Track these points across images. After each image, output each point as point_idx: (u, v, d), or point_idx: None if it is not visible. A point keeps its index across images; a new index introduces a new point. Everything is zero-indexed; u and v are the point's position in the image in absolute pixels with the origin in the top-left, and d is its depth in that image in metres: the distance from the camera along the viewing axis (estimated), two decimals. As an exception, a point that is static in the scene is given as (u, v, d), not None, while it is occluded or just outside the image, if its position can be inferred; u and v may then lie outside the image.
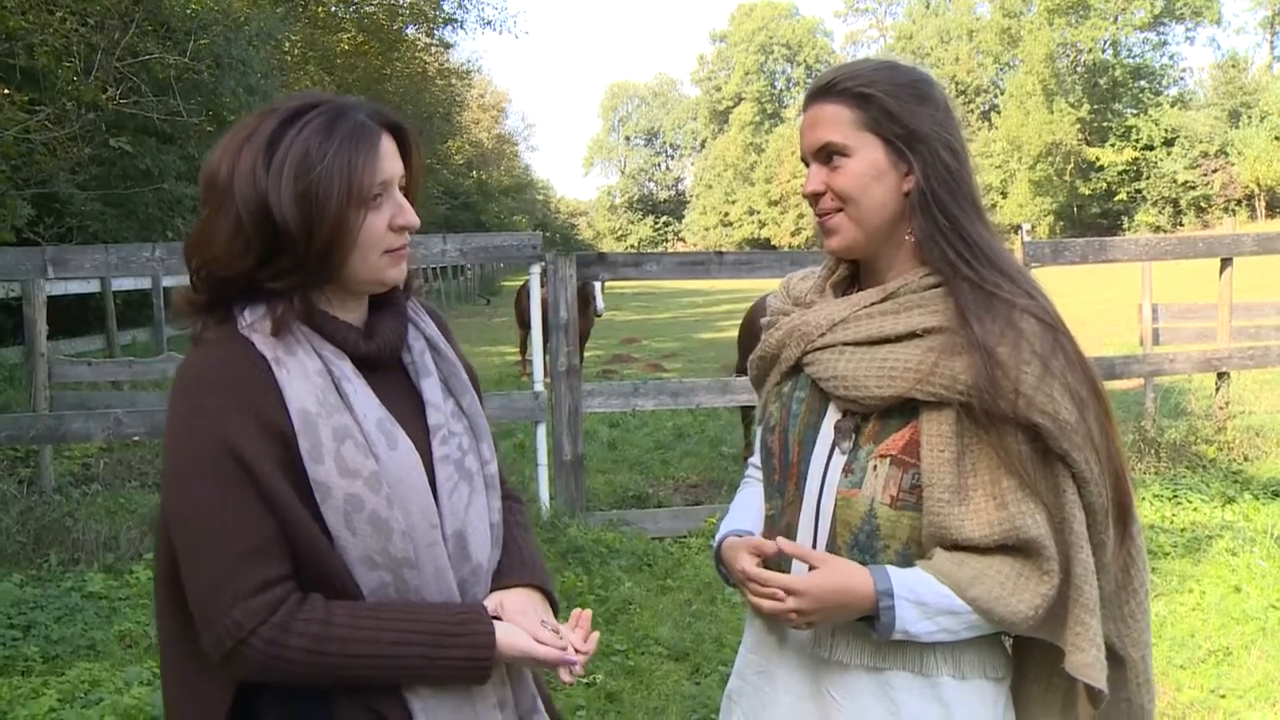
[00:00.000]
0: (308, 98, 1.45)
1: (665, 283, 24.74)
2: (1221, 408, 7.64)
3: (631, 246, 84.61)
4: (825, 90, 1.61)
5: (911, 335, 1.54)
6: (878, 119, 1.56)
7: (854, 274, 1.70)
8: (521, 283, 13.68)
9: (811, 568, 1.51)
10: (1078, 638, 1.50)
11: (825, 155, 1.59)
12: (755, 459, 1.85)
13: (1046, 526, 1.47)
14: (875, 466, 1.53)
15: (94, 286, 13.12)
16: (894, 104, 1.55)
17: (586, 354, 12.63)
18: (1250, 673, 4.12)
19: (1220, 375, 7.57)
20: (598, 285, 12.51)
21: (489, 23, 27.14)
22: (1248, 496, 6.36)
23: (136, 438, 6.11)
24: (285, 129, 1.40)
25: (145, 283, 14.12)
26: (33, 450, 7.36)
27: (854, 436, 1.56)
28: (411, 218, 1.47)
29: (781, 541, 1.56)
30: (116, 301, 13.69)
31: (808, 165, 1.63)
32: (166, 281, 14.27)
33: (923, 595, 1.48)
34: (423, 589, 1.43)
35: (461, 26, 26.29)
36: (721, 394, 6.44)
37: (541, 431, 6.14)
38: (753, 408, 7.72)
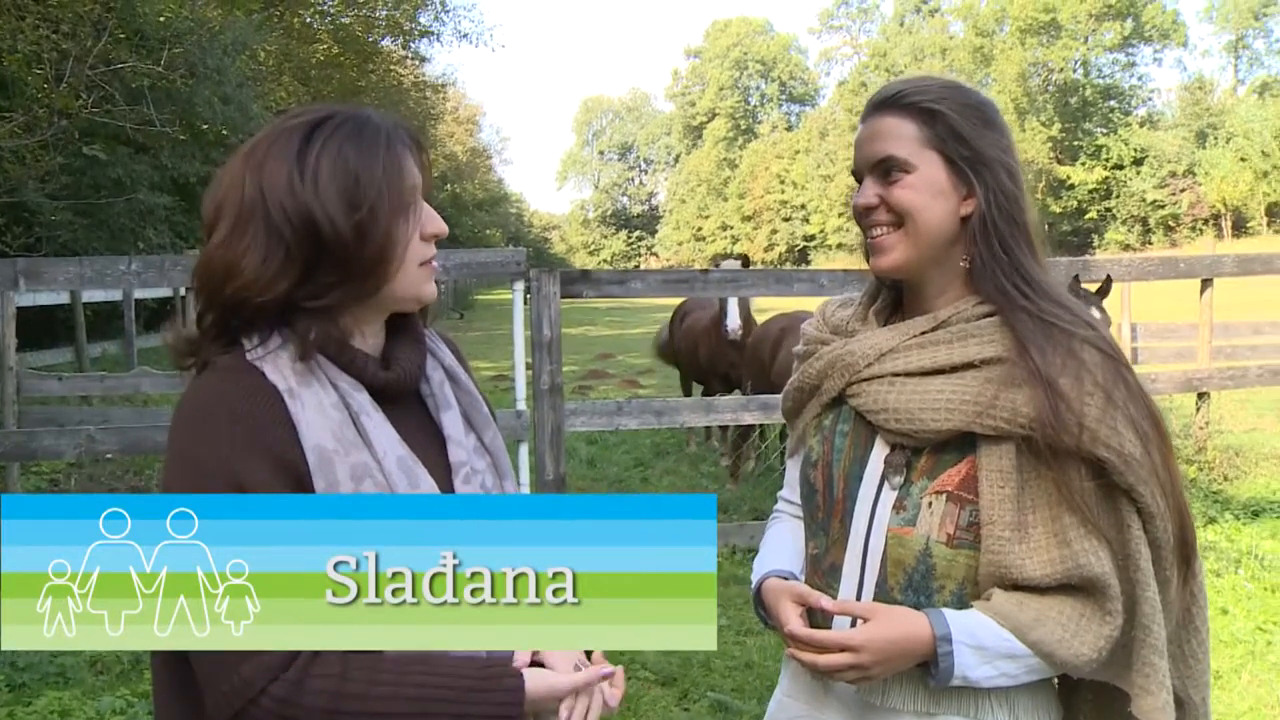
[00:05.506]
0: (319, 108, 1.36)
1: (639, 299, 24.71)
2: (1201, 428, 7.66)
3: (605, 261, 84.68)
4: (890, 102, 1.53)
5: (968, 366, 1.46)
6: (943, 137, 1.49)
7: (897, 301, 1.62)
8: (675, 306, 10.18)
9: (857, 620, 1.43)
10: (1146, 680, 1.42)
11: (884, 170, 1.51)
12: (785, 493, 1.77)
13: (1110, 564, 1.40)
14: (930, 503, 1.45)
15: (63, 298, 12.92)
16: (962, 124, 1.49)
17: (565, 369, 11.64)
18: (1241, 697, 4.09)
19: (1200, 395, 7.59)
20: (732, 304, 9.12)
21: (465, 35, 26.97)
22: (1229, 516, 6.39)
23: (109, 455, 5.97)
24: (311, 138, 1.30)
25: (116, 294, 13.90)
26: (-1, 466, 7.21)
27: (905, 472, 1.48)
28: (441, 225, 1.39)
29: (824, 601, 1.48)
30: (86, 313, 13.49)
31: (859, 179, 1.55)
32: (138, 294, 14.11)
33: (982, 639, 1.40)
34: None
35: (438, 39, 26.23)
36: (705, 413, 6.38)
37: (524, 450, 6.06)
38: (742, 428, 7.67)
